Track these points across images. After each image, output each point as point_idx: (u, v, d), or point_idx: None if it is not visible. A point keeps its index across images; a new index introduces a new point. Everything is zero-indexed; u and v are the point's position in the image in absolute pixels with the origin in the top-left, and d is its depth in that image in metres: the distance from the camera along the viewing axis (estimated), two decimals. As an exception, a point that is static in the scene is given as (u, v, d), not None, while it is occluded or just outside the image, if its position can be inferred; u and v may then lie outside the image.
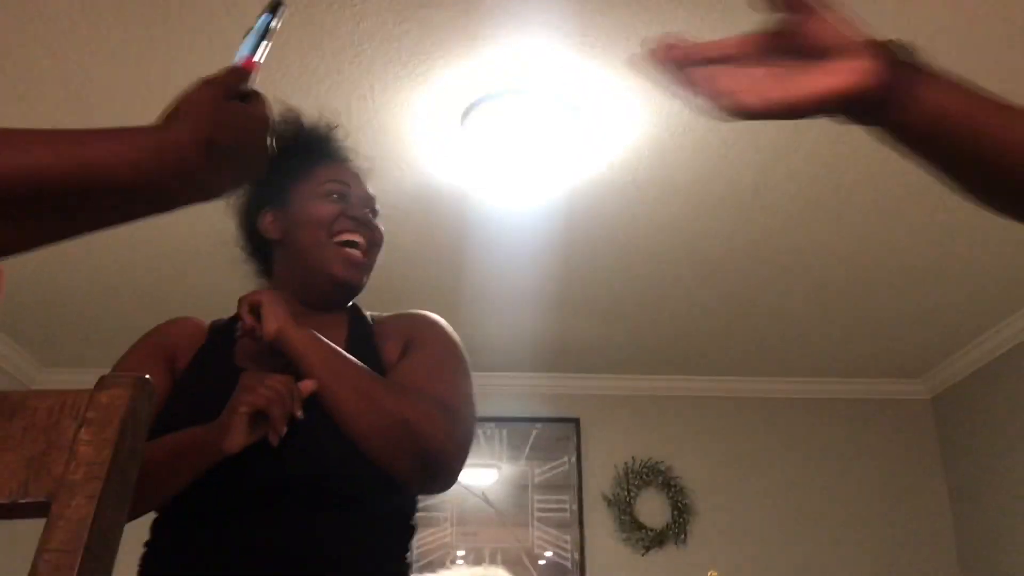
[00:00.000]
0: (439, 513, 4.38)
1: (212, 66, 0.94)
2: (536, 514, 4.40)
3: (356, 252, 1.40)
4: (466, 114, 2.60)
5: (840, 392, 4.70)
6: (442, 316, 1.46)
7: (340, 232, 1.39)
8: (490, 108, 2.56)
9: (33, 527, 0.52)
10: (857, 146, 2.76)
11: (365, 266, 1.42)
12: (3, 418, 0.59)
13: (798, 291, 3.72)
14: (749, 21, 0.82)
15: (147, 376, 0.60)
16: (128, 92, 2.50)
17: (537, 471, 4.47)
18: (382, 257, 1.49)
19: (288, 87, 2.48)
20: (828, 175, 2.92)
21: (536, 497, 4.43)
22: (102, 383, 0.60)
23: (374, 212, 1.48)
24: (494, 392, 4.54)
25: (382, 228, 1.47)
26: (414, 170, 2.89)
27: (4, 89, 2.48)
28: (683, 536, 4.34)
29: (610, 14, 2.24)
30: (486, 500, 4.39)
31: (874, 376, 4.64)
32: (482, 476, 4.47)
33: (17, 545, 2.20)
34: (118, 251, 3.35)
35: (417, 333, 1.39)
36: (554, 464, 4.48)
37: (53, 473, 0.55)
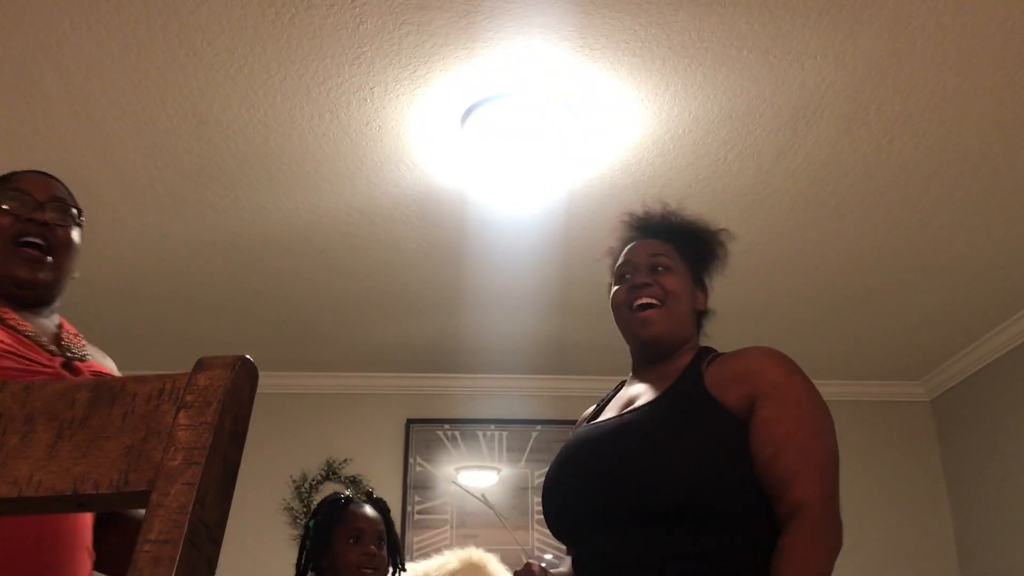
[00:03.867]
0: (439, 515, 4.38)
1: (211, 71, 0.94)
2: (536, 516, 4.39)
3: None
4: (466, 116, 2.60)
5: (840, 394, 4.69)
6: (442, 316, 1.48)
7: None
8: (490, 110, 2.56)
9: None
10: (856, 148, 2.77)
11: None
12: (103, 405, 0.57)
13: (797, 293, 3.72)
14: (748, 22, 0.82)
15: (248, 356, 0.57)
16: (128, 96, 2.50)
17: (537, 473, 4.47)
18: (383, 258, 1.52)
19: (289, 89, 2.49)
20: (828, 177, 2.92)
21: (536, 499, 4.43)
22: (200, 364, 0.57)
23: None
24: (494, 394, 4.54)
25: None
26: (414, 171, 2.89)
27: (5, 92, 2.48)
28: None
29: (610, 17, 2.24)
30: (486, 502, 4.39)
31: (874, 378, 4.64)
32: (482, 478, 4.47)
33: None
34: (116, 252, 3.35)
35: (761, 383, 1.48)
36: (554, 466, 4.48)
37: (152, 461, 0.52)
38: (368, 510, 2.38)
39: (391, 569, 2.37)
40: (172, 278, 3.55)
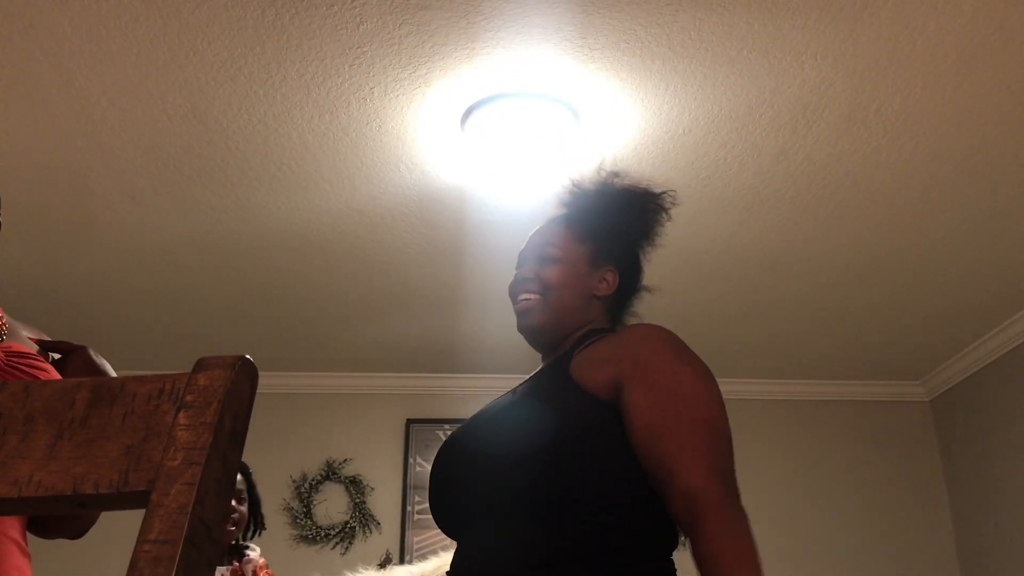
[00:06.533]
0: (439, 515, 4.38)
1: (211, 71, 0.94)
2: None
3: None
4: (466, 116, 2.60)
5: (840, 394, 4.70)
6: (442, 316, 1.47)
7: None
8: (490, 110, 2.56)
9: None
10: (856, 148, 2.77)
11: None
12: (103, 405, 0.57)
13: (797, 293, 3.72)
14: (748, 22, 0.82)
15: (247, 356, 0.57)
16: (128, 97, 2.50)
17: (537, 473, 4.47)
18: (383, 258, 1.51)
19: (289, 89, 2.49)
20: (827, 177, 2.92)
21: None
22: (201, 364, 0.57)
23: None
24: (494, 394, 4.52)
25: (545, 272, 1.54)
26: (414, 171, 2.89)
27: (5, 92, 2.48)
28: (681, 537, 4.34)
29: (610, 17, 2.24)
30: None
31: (874, 378, 4.64)
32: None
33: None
34: (117, 253, 3.35)
35: (626, 364, 1.35)
36: (554, 466, 4.48)
37: (152, 461, 0.52)
38: None
39: (252, 527, 2.72)
40: (172, 278, 3.55)
